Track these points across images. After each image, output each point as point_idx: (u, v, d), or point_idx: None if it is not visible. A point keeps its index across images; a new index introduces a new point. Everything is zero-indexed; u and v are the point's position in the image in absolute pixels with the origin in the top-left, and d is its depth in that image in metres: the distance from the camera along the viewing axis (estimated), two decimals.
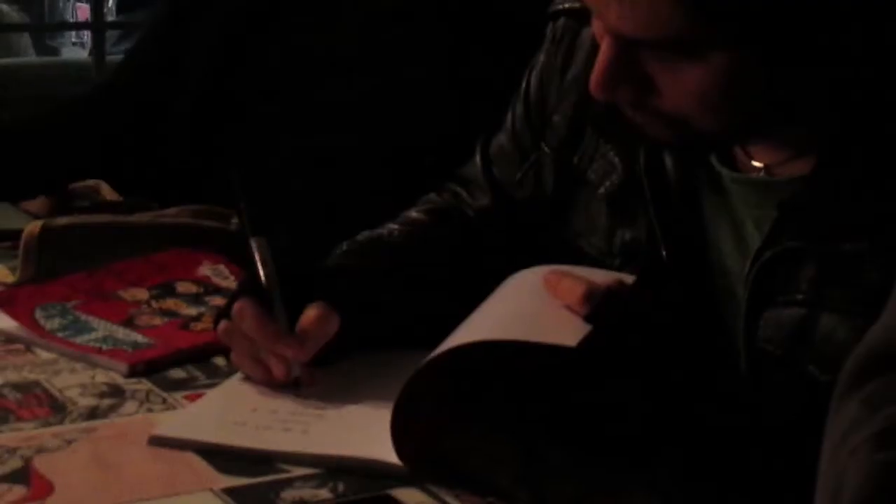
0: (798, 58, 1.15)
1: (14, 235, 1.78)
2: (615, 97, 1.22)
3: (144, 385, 1.39)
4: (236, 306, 1.35)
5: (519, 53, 1.58)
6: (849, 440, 0.83)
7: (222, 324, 1.36)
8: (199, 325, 1.55)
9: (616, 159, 1.39)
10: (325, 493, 1.15)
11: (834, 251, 1.19)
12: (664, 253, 1.33)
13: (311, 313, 1.36)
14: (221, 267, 1.72)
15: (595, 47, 1.22)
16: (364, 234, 1.53)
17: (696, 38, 1.13)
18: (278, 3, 2.02)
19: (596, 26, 1.21)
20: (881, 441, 0.81)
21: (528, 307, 1.23)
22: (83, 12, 7.68)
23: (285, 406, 1.31)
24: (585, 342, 1.13)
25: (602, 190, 1.40)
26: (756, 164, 1.28)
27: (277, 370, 1.33)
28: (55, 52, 7.27)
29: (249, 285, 1.38)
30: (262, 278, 1.36)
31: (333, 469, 1.19)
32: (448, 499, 1.14)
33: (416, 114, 1.89)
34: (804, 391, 1.20)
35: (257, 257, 1.37)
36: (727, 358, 1.27)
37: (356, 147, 1.91)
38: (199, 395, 1.37)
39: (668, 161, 1.34)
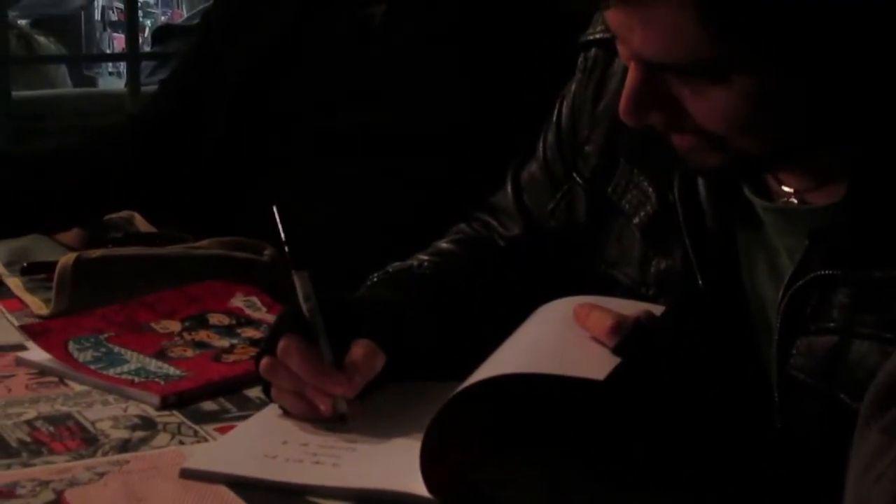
0: (821, 80, 1.15)
1: (48, 267, 1.79)
2: (648, 122, 1.21)
3: (176, 417, 1.39)
4: (282, 344, 1.33)
5: (546, 81, 1.58)
6: (872, 469, 0.82)
7: (265, 360, 1.34)
8: (232, 357, 1.55)
9: (650, 189, 1.38)
10: None
11: (866, 278, 1.18)
12: (700, 282, 1.32)
13: (358, 349, 1.34)
14: (254, 298, 1.72)
15: (626, 76, 1.22)
16: (394, 266, 1.53)
17: (717, 61, 1.13)
18: (306, 36, 2.02)
19: (621, 52, 1.21)
20: None
21: (557, 339, 1.23)
22: (119, 42, 7.76)
23: (316, 439, 1.30)
24: (613, 375, 1.13)
25: (636, 220, 1.39)
26: (787, 189, 1.27)
27: (325, 406, 1.32)
28: (92, 82, 7.32)
29: (291, 320, 1.36)
30: (306, 313, 1.34)
31: (364, 502, 1.18)
32: None
33: (441, 143, 1.89)
34: (836, 419, 1.19)
35: (300, 292, 1.35)
36: (759, 387, 1.26)
37: (384, 175, 1.92)
38: (231, 428, 1.36)
39: (702, 190, 1.33)
